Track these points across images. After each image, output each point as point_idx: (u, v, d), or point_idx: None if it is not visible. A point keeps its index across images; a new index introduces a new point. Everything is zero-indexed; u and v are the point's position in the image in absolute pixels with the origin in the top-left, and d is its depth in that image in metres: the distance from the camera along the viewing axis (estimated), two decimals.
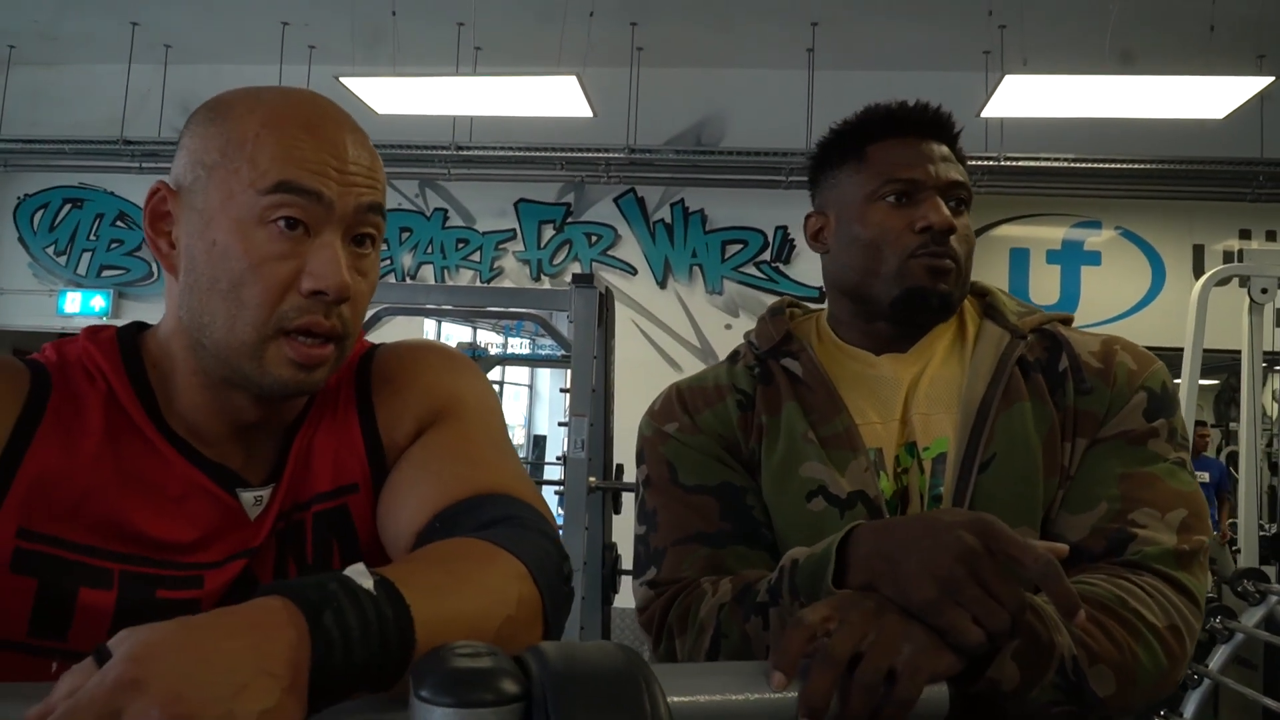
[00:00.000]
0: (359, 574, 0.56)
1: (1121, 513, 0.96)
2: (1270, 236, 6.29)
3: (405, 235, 6.28)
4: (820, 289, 5.95)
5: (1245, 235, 6.31)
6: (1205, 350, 4.31)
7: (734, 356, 1.19)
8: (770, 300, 4.55)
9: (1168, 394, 1.05)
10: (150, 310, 6.52)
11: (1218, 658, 3.38)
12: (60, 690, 0.48)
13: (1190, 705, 3.45)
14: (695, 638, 0.96)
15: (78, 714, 0.46)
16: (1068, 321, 1.14)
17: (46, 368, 0.79)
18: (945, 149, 1.11)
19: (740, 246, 6.05)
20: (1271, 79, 4.39)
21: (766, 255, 6.02)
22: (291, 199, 0.74)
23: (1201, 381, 8.21)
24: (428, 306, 5.37)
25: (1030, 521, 1.00)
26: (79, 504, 0.74)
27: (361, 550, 0.84)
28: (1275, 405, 6.59)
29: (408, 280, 6.20)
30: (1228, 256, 6.21)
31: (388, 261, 6.30)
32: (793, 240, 5.99)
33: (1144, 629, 0.87)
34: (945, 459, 1.04)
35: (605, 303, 4.06)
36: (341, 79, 4.66)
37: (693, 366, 6.02)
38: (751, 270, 6.03)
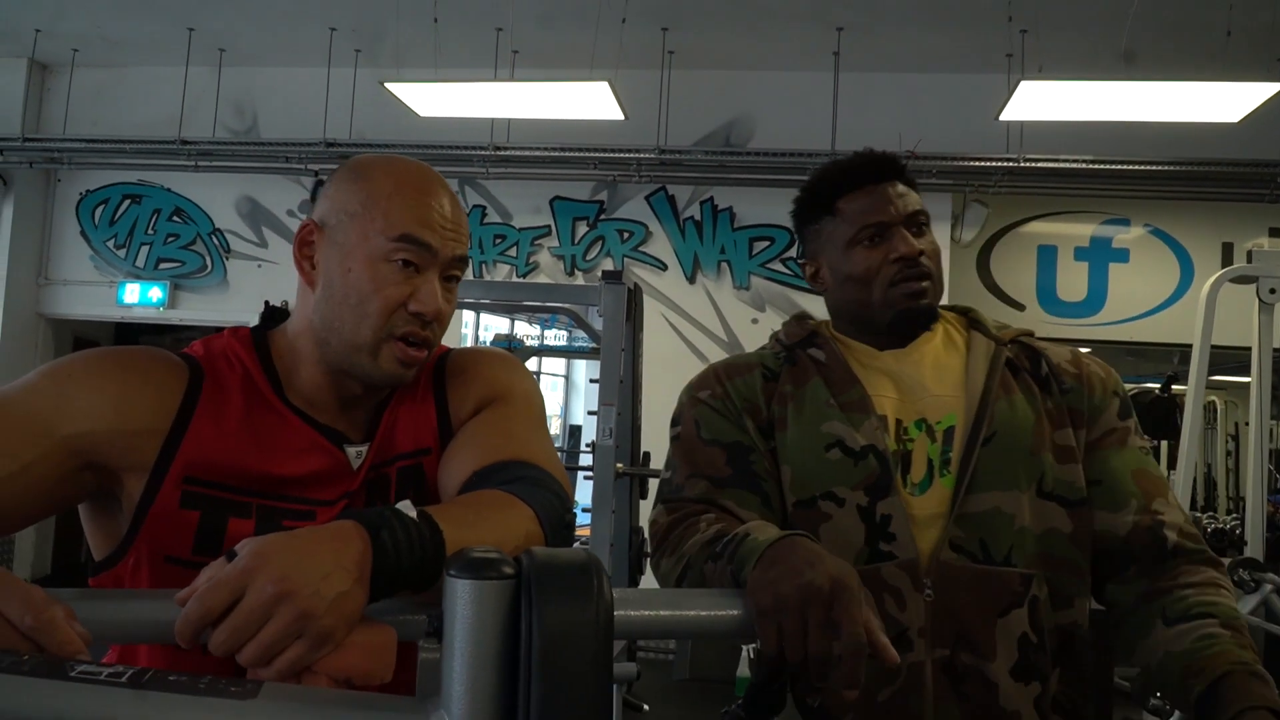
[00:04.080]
0: (406, 508, 0.80)
1: (1145, 506, 1.29)
2: None
3: None
4: None
5: (1275, 234, 6.33)
6: (1227, 348, 4.42)
7: (764, 346, 1.48)
8: (794, 295, 4.85)
9: (1128, 395, 1.38)
10: (203, 301, 6.82)
11: None
12: (202, 577, 0.72)
13: None
14: (675, 562, 1.23)
15: (217, 589, 0.69)
16: (1031, 334, 1.42)
17: (199, 360, 1.06)
18: (900, 186, 1.37)
19: (767, 244, 6.22)
20: None
21: (792, 252, 6.19)
22: (410, 246, 1.03)
23: (1241, 379, 8.14)
24: (467, 300, 5.62)
25: (1021, 486, 1.28)
26: (228, 460, 1.01)
27: (431, 498, 1.10)
28: None
29: None
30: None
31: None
32: None
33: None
34: (954, 432, 1.31)
35: (634, 297, 4.27)
36: (386, 84, 4.90)
37: (719, 359, 6.20)
38: (777, 266, 6.20)
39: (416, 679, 0.67)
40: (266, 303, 1.18)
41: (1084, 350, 1.42)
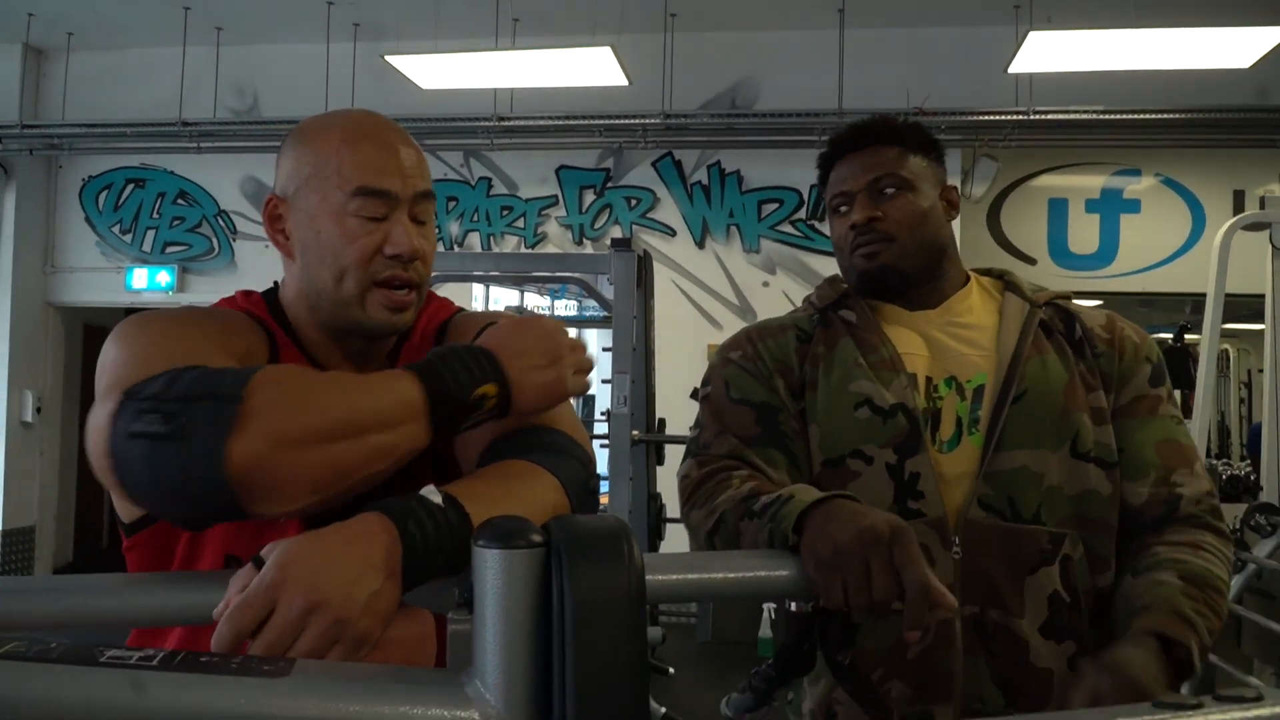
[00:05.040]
0: (431, 494, 0.79)
1: (1164, 478, 1.28)
2: None
3: (452, 205, 6.50)
4: None
5: None
6: (1239, 295, 4.40)
7: (798, 309, 1.49)
8: (805, 257, 4.87)
9: (1162, 362, 1.37)
10: (212, 283, 6.81)
11: (1232, 588, 3.51)
12: (232, 589, 0.72)
13: None
14: (706, 515, 1.23)
15: (246, 609, 0.69)
16: (1068, 298, 1.42)
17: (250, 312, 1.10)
18: (879, 150, 1.39)
19: (776, 205, 6.18)
20: None
21: (802, 213, 6.15)
22: (370, 197, 1.03)
23: (1253, 326, 8.15)
24: (476, 273, 5.60)
25: (1051, 445, 1.28)
26: None
27: (440, 463, 1.09)
28: None
29: (455, 248, 6.42)
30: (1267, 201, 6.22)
31: (436, 230, 6.51)
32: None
33: (1223, 586, 1.19)
34: (983, 391, 1.31)
35: (644, 265, 4.24)
36: (387, 57, 4.85)
37: (731, 324, 6.18)
38: (787, 229, 6.16)
39: (447, 651, 0.66)
40: (275, 284, 1.19)
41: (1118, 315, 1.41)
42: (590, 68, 4.94)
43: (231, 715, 0.58)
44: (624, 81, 5.02)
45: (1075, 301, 1.43)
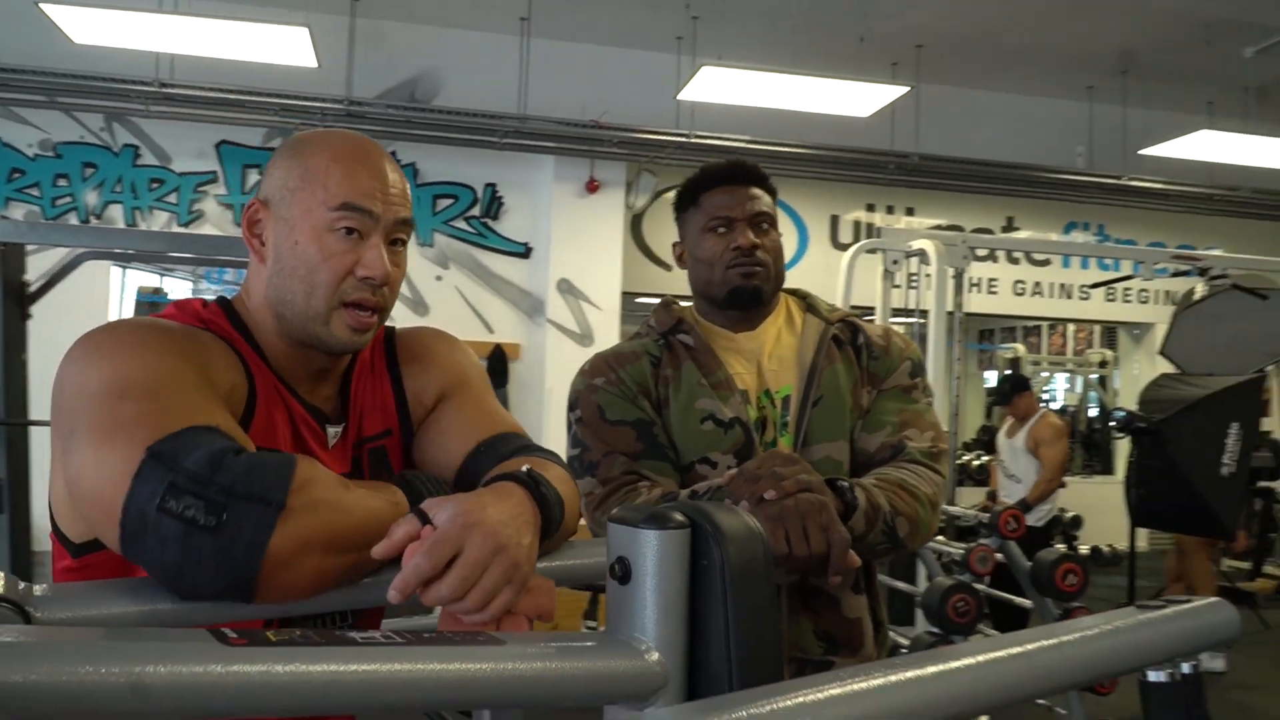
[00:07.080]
0: (527, 468, 0.96)
1: (898, 431, 1.56)
2: (889, 210, 7.55)
3: (90, 171, 5.86)
4: (525, 245, 6.36)
5: (870, 208, 7.53)
6: (852, 307, 5.25)
7: (641, 334, 1.69)
8: (478, 254, 5.17)
9: (922, 363, 1.70)
10: None
11: None
12: (398, 533, 0.83)
13: None
14: None
15: (443, 546, 0.80)
16: (857, 315, 1.73)
17: (218, 332, 1.07)
18: (754, 190, 1.65)
19: (451, 201, 6.27)
20: (907, 88, 5.34)
21: (476, 211, 6.30)
22: (351, 214, 1.06)
23: None
24: (118, 250, 5.08)
25: (846, 438, 1.58)
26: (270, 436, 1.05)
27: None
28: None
29: (93, 220, 5.81)
30: (857, 225, 7.45)
31: (69, 199, 5.85)
32: (501, 198, 6.31)
33: (920, 495, 1.46)
34: (789, 400, 1.59)
35: None
36: (41, 4, 4.32)
37: (405, 316, 6.17)
38: (462, 225, 6.29)
39: (605, 617, 0.81)
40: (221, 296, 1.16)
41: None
42: (276, 45, 4.73)
43: (486, 673, 0.70)
44: (314, 63, 4.87)
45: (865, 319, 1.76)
